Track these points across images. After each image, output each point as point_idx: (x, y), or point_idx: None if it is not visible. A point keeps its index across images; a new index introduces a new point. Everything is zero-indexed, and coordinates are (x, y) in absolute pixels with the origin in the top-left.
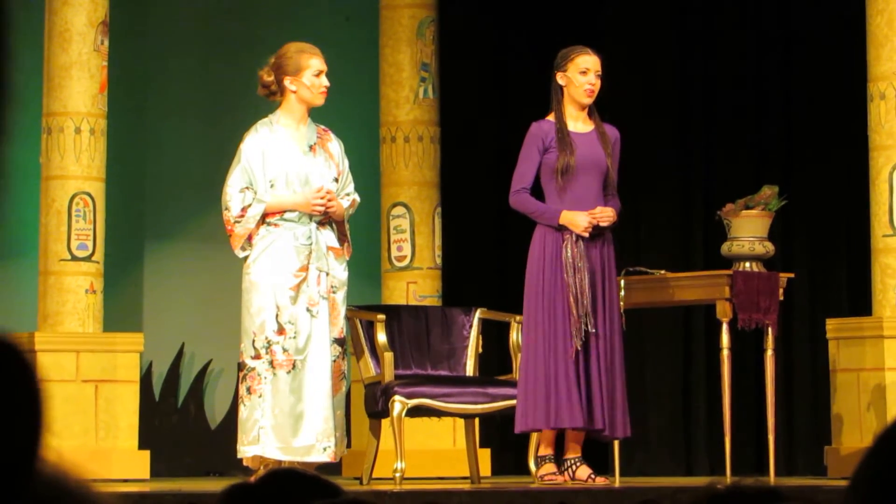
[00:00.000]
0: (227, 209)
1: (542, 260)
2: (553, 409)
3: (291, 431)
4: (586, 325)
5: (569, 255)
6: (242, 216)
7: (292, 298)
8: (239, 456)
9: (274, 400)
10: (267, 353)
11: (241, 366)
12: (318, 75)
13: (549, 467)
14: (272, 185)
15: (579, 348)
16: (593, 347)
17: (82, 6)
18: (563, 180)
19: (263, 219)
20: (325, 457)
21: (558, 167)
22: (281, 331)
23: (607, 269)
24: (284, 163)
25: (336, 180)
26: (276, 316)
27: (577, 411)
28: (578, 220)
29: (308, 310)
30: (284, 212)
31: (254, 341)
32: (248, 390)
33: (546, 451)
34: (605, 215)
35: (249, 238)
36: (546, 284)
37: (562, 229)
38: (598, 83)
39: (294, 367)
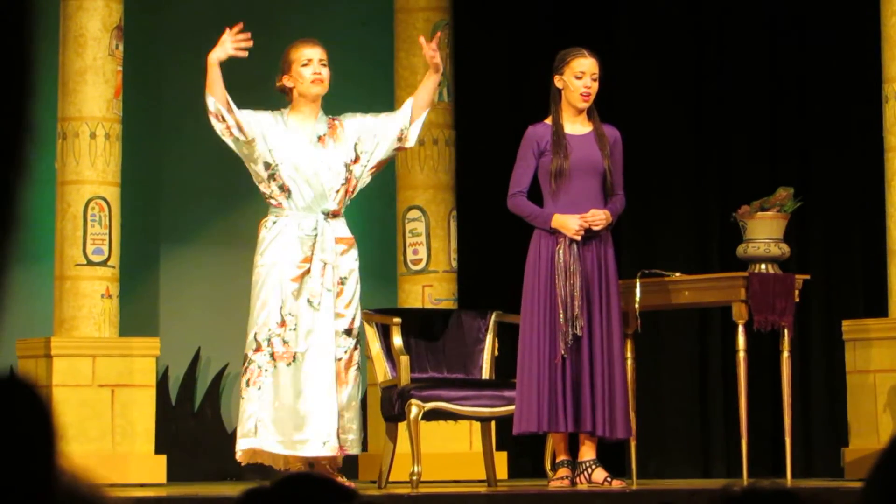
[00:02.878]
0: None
1: (538, 264)
2: (545, 413)
3: (292, 425)
4: (574, 330)
5: (561, 259)
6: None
7: (295, 291)
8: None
9: (274, 393)
10: (268, 345)
11: (243, 359)
12: (305, 65)
13: (562, 472)
14: (279, 164)
15: (565, 354)
16: (589, 350)
17: (97, 11)
18: (556, 183)
19: (267, 211)
20: (326, 451)
21: (552, 170)
22: (282, 323)
23: (604, 272)
24: (290, 151)
25: (357, 159)
26: (280, 308)
27: (564, 416)
28: (570, 224)
29: (309, 301)
30: (290, 195)
31: (256, 334)
32: (248, 383)
33: (562, 456)
34: (597, 219)
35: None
36: (541, 288)
37: (556, 233)
38: (595, 86)
39: (294, 359)
